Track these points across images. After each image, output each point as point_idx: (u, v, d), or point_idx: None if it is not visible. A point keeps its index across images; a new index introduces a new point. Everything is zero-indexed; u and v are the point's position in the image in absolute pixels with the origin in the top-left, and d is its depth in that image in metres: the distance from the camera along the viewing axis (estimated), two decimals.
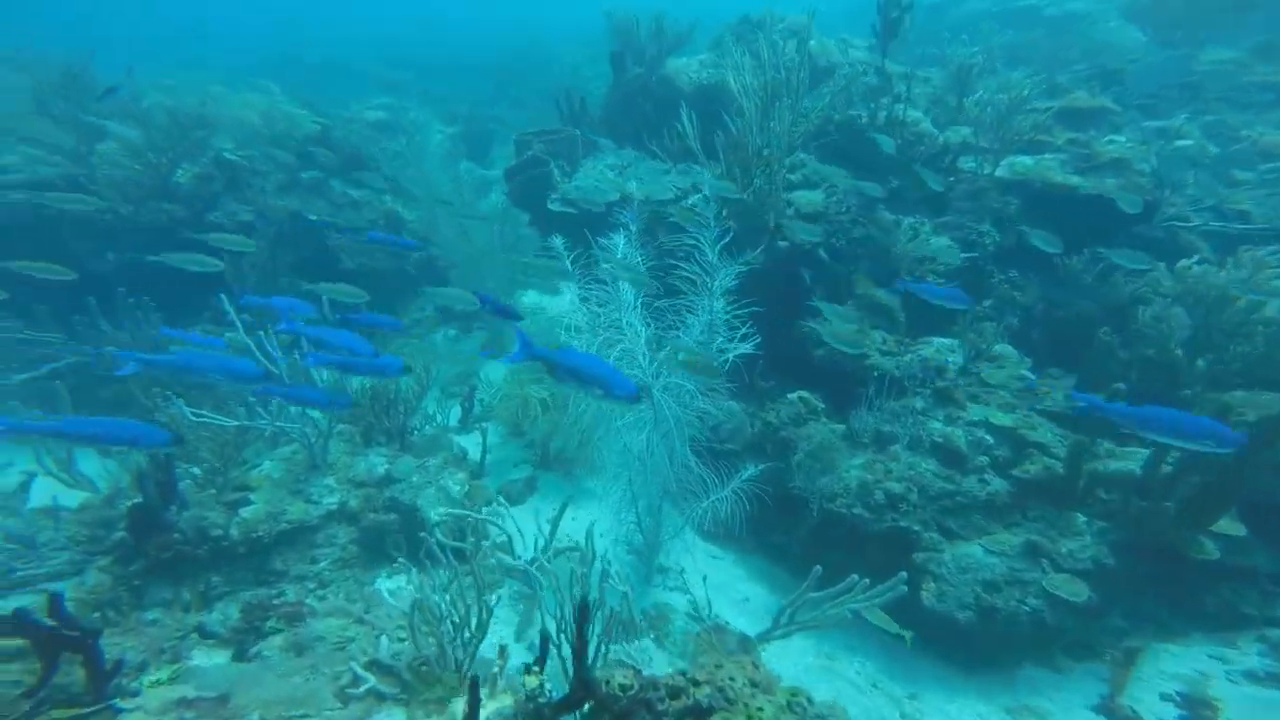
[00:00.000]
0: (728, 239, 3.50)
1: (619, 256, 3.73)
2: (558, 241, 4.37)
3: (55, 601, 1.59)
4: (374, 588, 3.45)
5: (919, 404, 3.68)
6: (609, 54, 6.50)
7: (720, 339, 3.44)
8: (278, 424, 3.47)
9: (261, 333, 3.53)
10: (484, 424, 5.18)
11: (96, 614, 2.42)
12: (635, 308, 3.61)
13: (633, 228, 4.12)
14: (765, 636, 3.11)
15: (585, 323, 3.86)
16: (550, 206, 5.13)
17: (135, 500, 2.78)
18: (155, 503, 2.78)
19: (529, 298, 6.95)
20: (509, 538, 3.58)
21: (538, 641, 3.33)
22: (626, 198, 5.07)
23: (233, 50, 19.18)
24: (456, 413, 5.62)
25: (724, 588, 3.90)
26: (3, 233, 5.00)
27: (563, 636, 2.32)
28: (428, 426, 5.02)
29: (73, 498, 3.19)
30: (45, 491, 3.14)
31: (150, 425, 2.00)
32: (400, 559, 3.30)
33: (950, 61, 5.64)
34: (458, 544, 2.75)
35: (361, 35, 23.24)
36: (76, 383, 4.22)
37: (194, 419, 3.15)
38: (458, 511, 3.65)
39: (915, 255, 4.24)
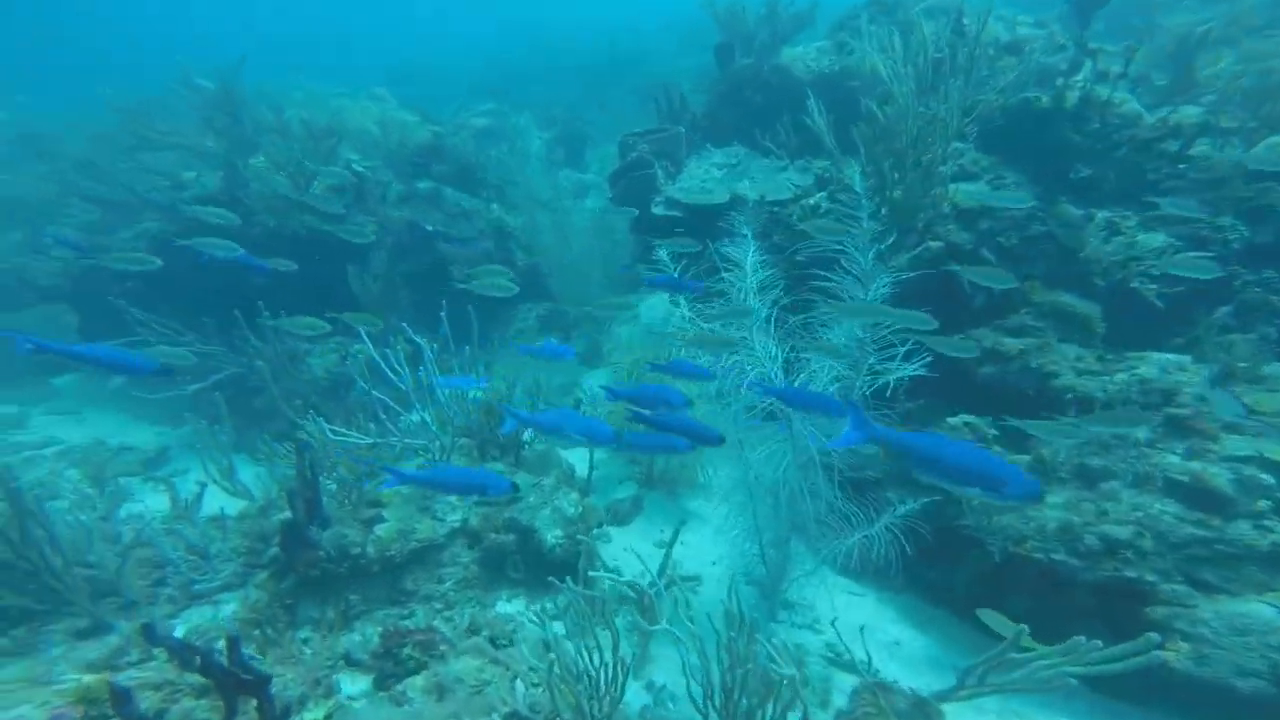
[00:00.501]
0: (879, 242, 3.10)
1: (747, 265, 3.43)
2: (663, 253, 4.17)
3: (233, 645, 1.60)
4: (496, 612, 3.44)
5: (1141, 434, 3.10)
6: (714, 46, 6.17)
7: (872, 358, 3.05)
8: (406, 440, 3.53)
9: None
10: None
11: (257, 631, 2.52)
12: (764, 324, 3.29)
13: (746, 232, 3.81)
14: (944, 696, 2.72)
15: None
16: (654, 210, 4.93)
17: (286, 516, 2.88)
18: (302, 520, 2.88)
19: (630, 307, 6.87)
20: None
21: (657, 681, 3.18)
22: (738, 199, 4.75)
23: (338, 59, 20.72)
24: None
25: (868, 629, 3.54)
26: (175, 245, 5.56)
27: (710, 705, 2.11)
28: (538, 442, 5.02)
29: (234, 505, 3.41)
30: (212, 501, 3.38)
31: (494, 474, 2.09)
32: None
33: (1145, 34, 4.77)
34: (587, 592, 2.61)
35: (461, 38, 24.38)
36: (233, 393, 4.56)
37: (332, 436, 3.24)
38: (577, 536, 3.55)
39: (1116, 256, 3.59)
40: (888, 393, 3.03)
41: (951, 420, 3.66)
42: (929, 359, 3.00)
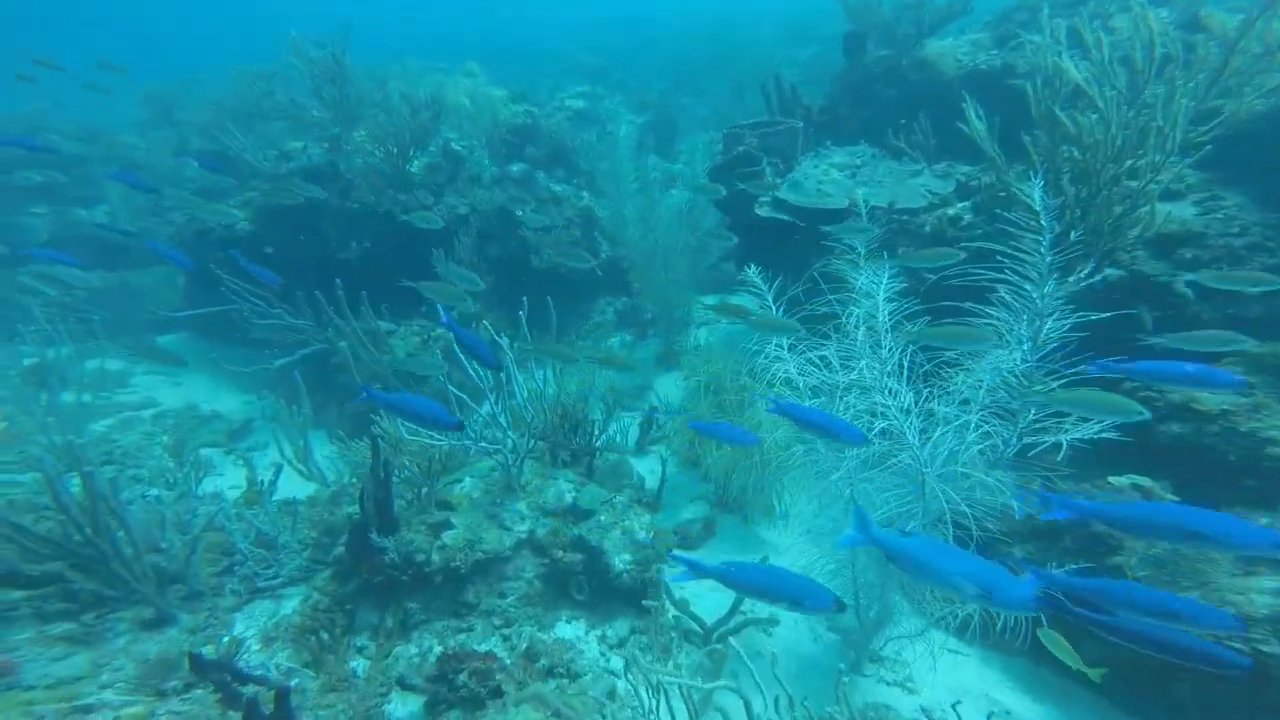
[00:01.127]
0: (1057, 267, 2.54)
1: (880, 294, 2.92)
2: (753, 273, 3.62)
3: (281, 699, 1.40)
4: (556, 634, 3.20)
5: None
6: (842, 35, 5.57)
7: (1033, 412, 2.52)
8: (481, 444, 3.33)
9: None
10: (662, 453, 4.81)
11: (313, 637, 2.37)
12: (896, 368, 2.75)
13: (860, 249, 3.28)
14: None
15: (795, 370, 3.12)
16: (758, 211, 4.47)
17: (355, 514, 2.73)
18: (373, 520, 2.71)
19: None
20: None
21: None
22: (858, 205, 4.21)
23: (434, 42, 21.23)
24: (634, 432, 5.31)
25: (971, 694, 3.02)
26: (281, 215, 5.68)
27: None
28: (611, 453, 4.75)
29: (306, 489, 3.33)
30: (286, 484, 3.32)
31: (817, 586, 1.76)
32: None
33: None
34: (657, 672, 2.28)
35: (557, 23, 24.45)
36: (316, 369, 4.55)
37: (408, 435, 3.07)
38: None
39: None
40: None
41: (1115, 480, 3.04)
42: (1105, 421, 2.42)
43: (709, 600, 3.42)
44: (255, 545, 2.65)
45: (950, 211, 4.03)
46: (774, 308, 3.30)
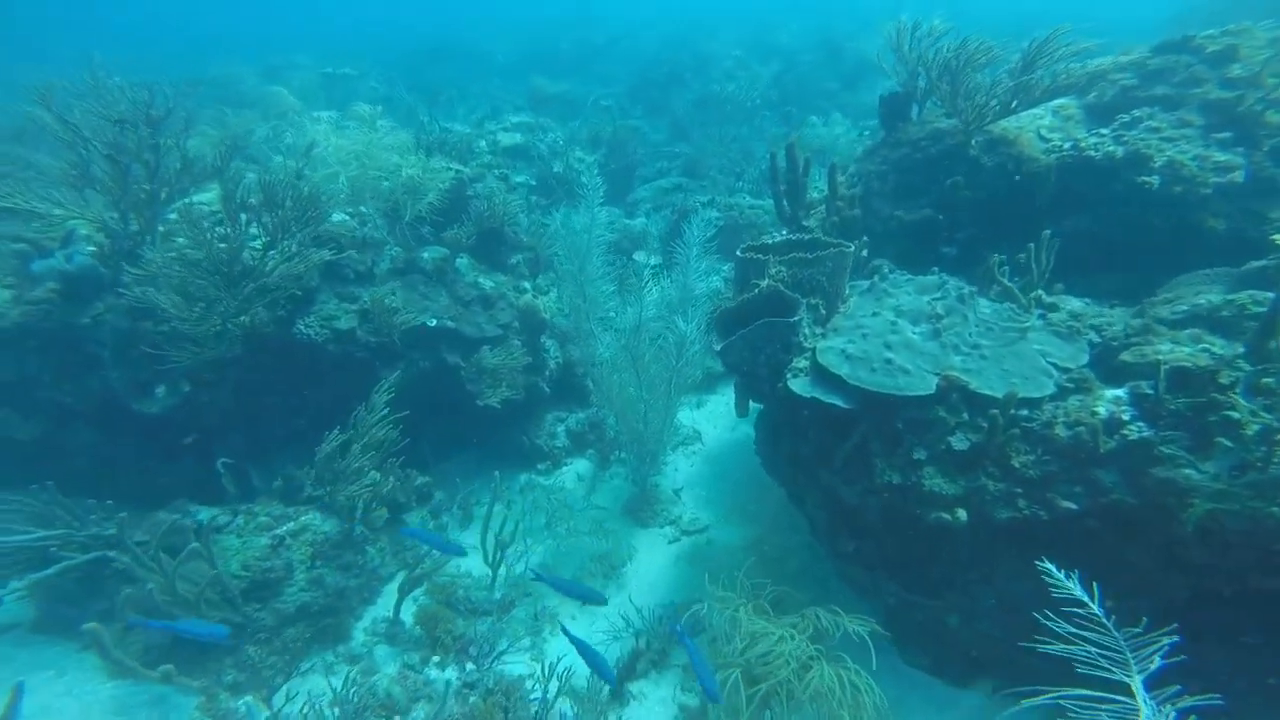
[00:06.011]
0: None
1: None
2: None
3: None
4: None
5: None
6: (881, 96, 4.10)
7: None
8: None
9: None
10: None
11: None
12: None
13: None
14: None
15: None
16: (792, 387, 2.92)
17: None
18: None
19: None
20: None
21: None
22: (954, 388, 2.70)
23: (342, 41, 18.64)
24: (614, 648, 3.67)
25: None
26: (36, 341, 3.64)
27: None
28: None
29: None
30: None
31: None
32: None
33: None
34: None
35: (505, 24, 22.20)
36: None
37: None
38: None
39: None
40: None
41: None
42: None
43: None
44: None
45: (1098, 408, 2.62)
46: None
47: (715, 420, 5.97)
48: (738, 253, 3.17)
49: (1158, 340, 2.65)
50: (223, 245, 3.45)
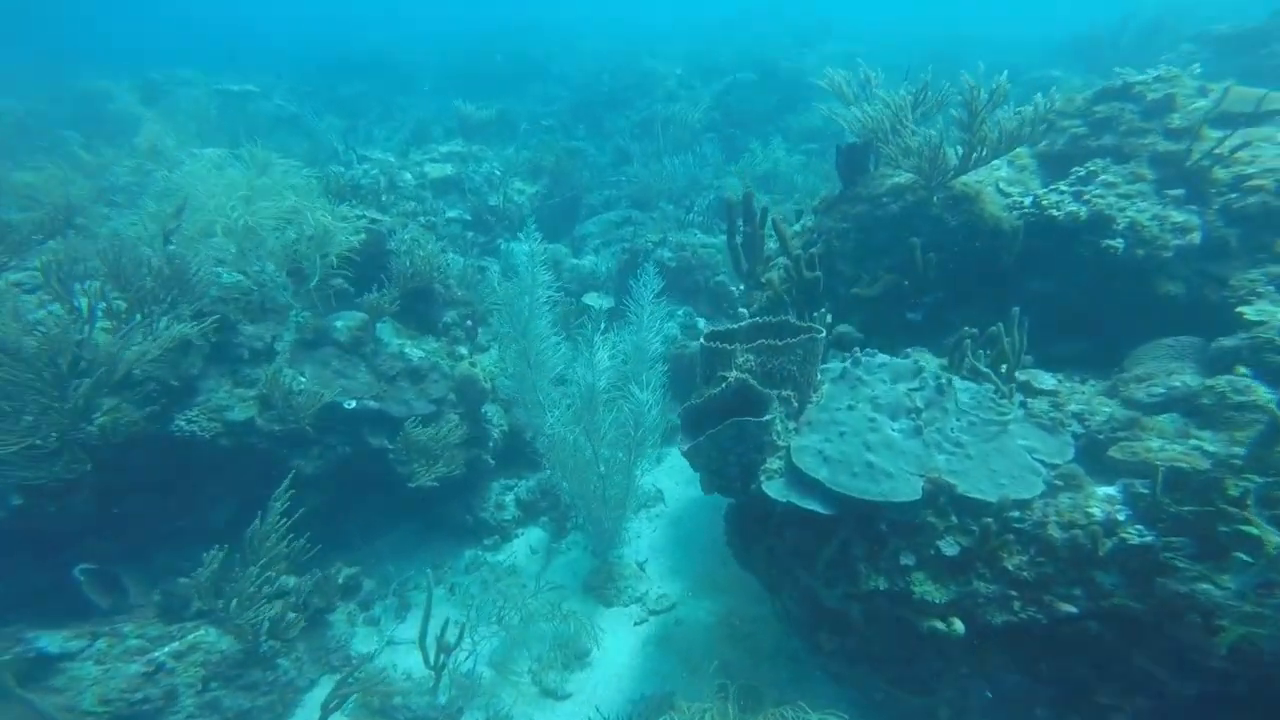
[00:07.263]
0: None
1: None
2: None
3: None
4: None
5: None
6: (836, 148, 3.87)
7: None
8: None
9: None
10: None
11: None
12: None
13: None
14: None
15: None
16: (767, 490, 2.60)
17: None
18: None
19: None
20: None
21: None
22: (940, 493, 2.44)
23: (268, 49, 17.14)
24: None
25: None
26: None
27: None
28: None
29: None
30: None
31: None
32: None
33: None
34: None
35: (433, 36, 21.16)
36: None
37: None
38: None
39: None
40: None
41: None
42: None
43: None
44: None
45: (1091, 509, 2.43)
46: None
47: (676, 475, 5.60)
48: (701, 341, 2.81)
49: (1145, 436, 2.50)
50: (44, 331, 2.74)
